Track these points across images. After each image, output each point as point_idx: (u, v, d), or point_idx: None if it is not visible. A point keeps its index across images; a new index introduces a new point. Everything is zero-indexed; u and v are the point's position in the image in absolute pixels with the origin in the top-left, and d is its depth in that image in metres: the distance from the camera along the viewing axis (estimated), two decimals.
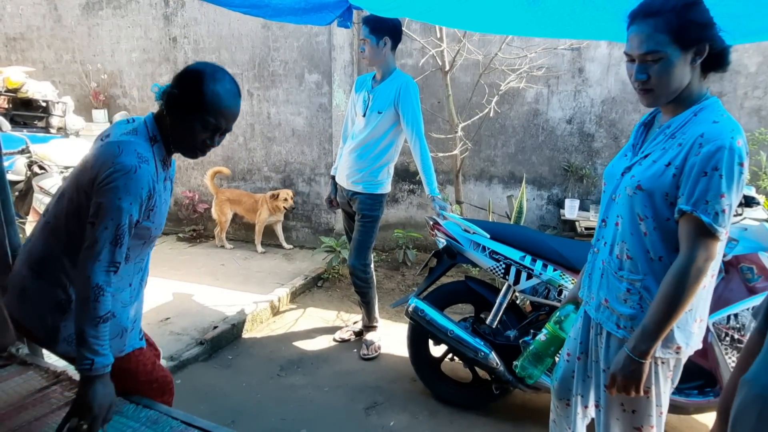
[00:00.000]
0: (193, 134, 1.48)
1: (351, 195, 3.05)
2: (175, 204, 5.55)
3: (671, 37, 1.27)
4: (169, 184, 1.62)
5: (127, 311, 1.58)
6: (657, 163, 1.35)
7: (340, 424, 2.57)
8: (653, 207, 1.35)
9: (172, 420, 1.61)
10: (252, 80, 4.93)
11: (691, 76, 1.32)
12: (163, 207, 1.56)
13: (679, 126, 1.34)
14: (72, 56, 5.51)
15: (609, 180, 1.52)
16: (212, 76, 1.46)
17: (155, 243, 1.65)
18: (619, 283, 1.44)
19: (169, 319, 3.50)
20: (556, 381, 1.82)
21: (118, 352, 1.55)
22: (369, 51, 2.82)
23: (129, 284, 1.58)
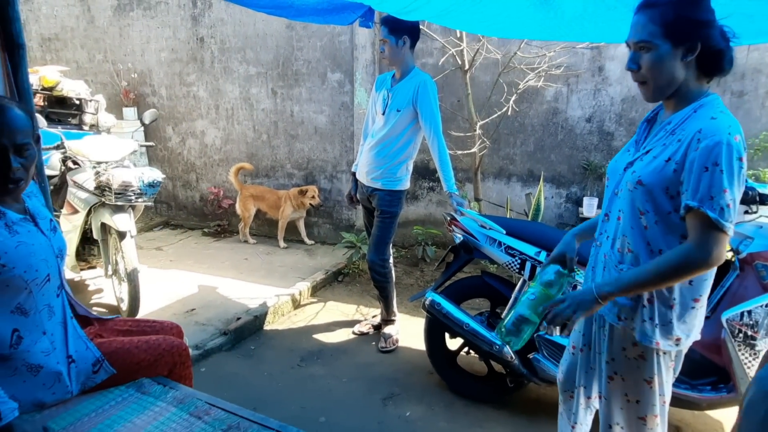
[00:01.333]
0: None
1: (370, 191, 3.13)
2: (201, 200, 5.72)
3: (663, 30, 1.31)
4: (23, 226, 1.53)
5: (53, 358, 1.58)
6: (657, 159, 1.38)
7: (358, 413, 2.65)
8: (654, 201, 1.38)
9: (197, 400, 1.70)
10: (276, 79, 5.04)
11: (685, 73, 1.35)
12: (19, 249, 1.48)
13: (680, 122, 1.37)
14: (104, 56, 5.71)
15: (612, 175, 1.56)
16: None
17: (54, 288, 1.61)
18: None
19: (195, 310, 3.63)
20: (561, 373, 1.86)
21: (66, 394, 1.59)
22: (388, 50, 2.89)
23: (43, 333, 1.57)
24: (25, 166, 1.46)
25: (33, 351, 1.55)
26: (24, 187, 1.51)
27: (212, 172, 5.61)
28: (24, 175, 1.46)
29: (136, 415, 1.60)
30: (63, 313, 1.65)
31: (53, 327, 1.61)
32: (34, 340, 1.56)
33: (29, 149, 1.46)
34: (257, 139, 5.30)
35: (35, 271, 1.52)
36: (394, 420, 2.60)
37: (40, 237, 1.57)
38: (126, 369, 1.73)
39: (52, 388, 1.58)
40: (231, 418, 1.61)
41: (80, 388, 1.65)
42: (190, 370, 1.93)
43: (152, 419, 1.58)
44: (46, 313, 1.59)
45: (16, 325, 1.53)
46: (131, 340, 1.78)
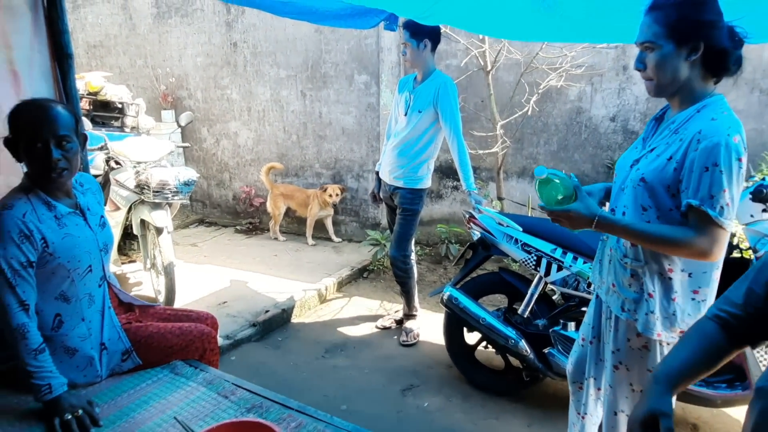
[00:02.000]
0: (32, 162, 1.59)
1: (393, 189, 3.23)
2: (233, 198, 5.93)
3: (666, 31, 1.36)
4: (71, 219, 1.69)
5: (88, 343, 1.74)
6: (660, 157, 1.43)
7: (378, 402, 2.76)
8: (656, 198, 1.44)
9: (224, 381, 1.85)
10: (305, 81, 5.20)
11: (689, 72, 1.39)
12: (66, 241, 1.63)
13: (683, 122, 1.42)
14: (144, 61, 6.00)
15: (619, 171, 1.61)
16: (15, 107, 1.59)
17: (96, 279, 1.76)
18: (624, 269, 1.54)
19: (226, 302, 3.81)
20: (570, 365, 1.92)
21: (96, 378, 1.76)
22: (410, 54, 2.99)
23: (82, 319, 1.73)
24: (66, 157, 1.60)
25: (71, 335, 1.72)
26: (67, 178, 1.65)
27: (244, 172, 5.82)
28: (66, 165, 1.61)
29: (169, 393, 1.75)
30: (102, 302, 1.81)
31: (92, 315, 1.78)
32: (73, 325, 1.73)
33: (70, 142, 1.61)
34: (287, 140, 5.48)
35: (78, 262, 1.69)
36: (412, 410, 2.70)
37: (86, 231, 1.73)
38: (160, 352, 1.89)
39: (84, 371, 1.75)
40: (255, 398, 1.75)
41: (108, 373, 1.81)
42: (217, 356, 2.08)
43: (184, 397, 1.73)
44: (86, 302, 1.76)
45: (59, 310, 1.70)
46: (166, 326, 1.93)
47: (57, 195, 1.68)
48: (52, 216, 1.64)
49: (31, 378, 1.54)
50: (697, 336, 1.13)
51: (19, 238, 1.55)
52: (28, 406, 1.64)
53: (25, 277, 1.56)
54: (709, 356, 1.11)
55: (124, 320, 1.93)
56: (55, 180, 1.62)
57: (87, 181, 1.88)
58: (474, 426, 2.57)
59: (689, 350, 1.13)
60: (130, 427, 1.57)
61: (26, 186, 1.64)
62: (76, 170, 1.68)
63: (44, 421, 1.56)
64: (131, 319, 1.98)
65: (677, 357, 1.13)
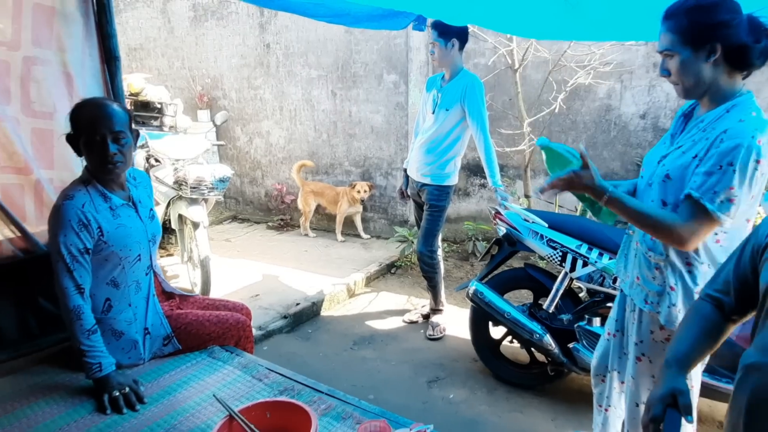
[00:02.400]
0: (90, 156, 1.72)
1: (420, 186, 3.30)
2: (266, 195, 6.10)
3: (681, 38, 1.40)
4: (125, 210, 1.82)
5: (133, 327, 1.87)
6: (685, 155, 1.46)
7: (404, 393, 2.84)
8: (679, 195, 1.46)
9: (258, 365, 1.96)
10: (335, 81, 5.31)
11: (712, 73, 1.41)
12: (119, 231, 1.77)
13: (712, 121, 1.44)
14: (181, 63, 6.22)
15: (647, 166, 1.63)
16: (76, 106, 1.73)
17: (143, 268, 1.89)
18: (649, 263, 1.57)
19: (259, 295, 3.95)
20: (595, 359, 1.96)
21: (139, 360, 1.89)
22: (438, 53, 3.05)
23: (129, 305, 1.86)
24: (121, 151, 1.74)
25: (119, 319, 1.86)
26: (122, 170, 1.79)
27: (276, 170, 5.98)
28: (121, 159, 1.74)
29: (207, 375, 1.87)
30: (148, 290, 1.94)
31: (138, 301, 1.91)
32: (120, 309, 1.87)
33: (125, 137, 1.74)
34: (318, 138, 5.60)
35: (129, 251, 1.82)
36: (437, 401, 2.77)
37: (137, 222, 1.86)
38: (198, 338, 2.01)
39: (129, 353, 1.88)
40: (287, 381, 1.85)
41: (151, 356, 1.94)
42: (252, 344, 2.20)
43: (221, 379, 1.85)
44: (134, 288, 1.89)
45: (109, 295, 1.84)
46: (204, 314, 2.06)
47: (112, 187, 1.82)
48: (107, 207, 1.78)
49: (84, 356, 1.68)
50: (696, 318, 1.22)
51: (78, 227, 1.69)
52: (80, 384, 1.78)
53: (81, 262, 1.71)
54: (710, 335, 1.19)
55: (166, 308, 2.06)
56: (111, 172, 1.76)
57: (140, 176, 2.01)
58: (498, 418, 2.62)
59: (691, 333, 1.21)
60: (171, 405, 1.69)
61: (86, 178, 1.78)
62: (130, 163, 1.81)
63: (94, 398, 1.69)
64: (172, 306, 2.12)
65: (682, 341, 1.21)
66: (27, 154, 2.03)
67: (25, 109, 2.04)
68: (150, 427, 1.58)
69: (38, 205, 2.11)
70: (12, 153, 2.00)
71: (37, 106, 2.08)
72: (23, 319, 2.10)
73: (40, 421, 1.59)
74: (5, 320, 2.03)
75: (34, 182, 2.07)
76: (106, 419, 1.61)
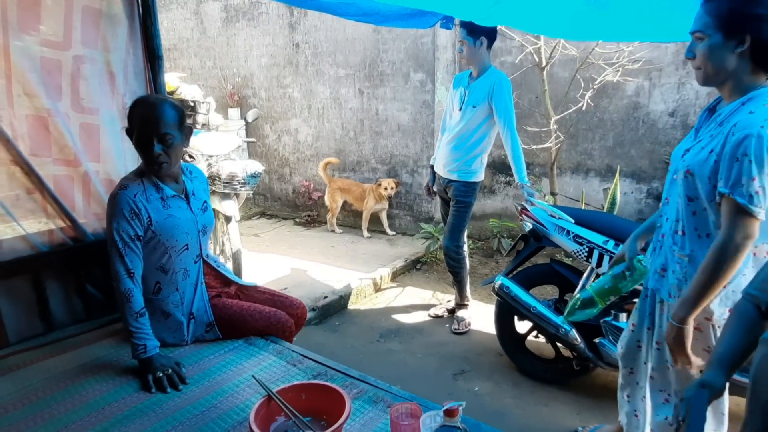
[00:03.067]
0: (140, 153, 1.83)
1: (447, 182, 3.35)
2: (293, 192, 6.22)
3: (716, 21, 1.41)
4: (176, 201, 1.92)
5: (179, 310, 1.97)
6: (704, 150, 1.48)
7: (430, 384, 2.89)
8: (701, 189, 1.49)
9: (292, 352, 2.04)
10: (363, 80, 5.39)
11: (736, 64, 1.43)
12: (168, 221, 1.86)
13: (728, 115, 1.46)
14: (213, 62, 6.39)
15: (674, 161, 1.65)
16: (133, 102, 1.83)
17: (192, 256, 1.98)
18: (672, 256, 1.60)
19: (287, 288, 4.05)
20: (621, 348, 1.98)
21: (182, 342, 2.00)
22: (466, 51, 3.09)
23: (176, 289, 1.97)
24: (166, 152, 1.83)
25: (167, 301, 1.98)
26: (168, 168, 1.88)
27: (304, 167, 6.09)
28: (165, 159, 1.84)
29: (244, 360, 1.96)
30: (196, 278, 2.04)
31: (185, 287, 2.01)
32: (168, 293, 1.98)
33: (171, 138, 1.82)
34: (345, 136, 5.69)
35: (175, 240, 1.93)
36: (463, 393, 2.81)
37: (188, 213, 1.96)
38: (238, 331, 2.09)
39: (174, 333, 2.00)
40: (320, 367, 1.93)
41: (192, 339, 2.05)
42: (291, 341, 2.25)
43: (257, 364, 1.93)
44: (182, 275, 1.99)
45: (158, 278, 1.95)
46: (249, 308, 2.12)
47: (165, 179, 1.92)
48: (159, 197, 1.89)
49: (131, 337, 1.79)
50: (736, 317, 1.23)
51: (130, 215, 1.80)
52: (125, 364, 1.89)
53: (133, 248, 1.82)
54: (749, 333, 1.19)
55: (216, 292, 2.15)
56: (156, 171, 1.87)
57: (195, 171, 2.12)
58: (523, 411, 2.65)
59: (731, 332, 1.23)
60: (212, 386, 1.78)
61: (142, 170, 1.90)
62: (177, 160, 1.91)
63: (139, 377, 1.80)
64: (226, 293, 2.20)
65: (723, 341, 1.24)
66: (76, 147, 2.16)
67: (75, 105, 2.17)
68: (193, 405, 1.67)
69: (86, 196, 2.23)
70: (63, 146, 2.12)
71: (85, 103, 2.20)
72: (72, 303, 2.23)
73: (91, 398, 1.69)
74: (56, 304, 2.16)
75: (82, 174, 2.20)
76: (151, 397, 1.71)
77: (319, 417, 1.53)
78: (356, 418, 1.59)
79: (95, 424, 1.56)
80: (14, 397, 1.70)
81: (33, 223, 2.09)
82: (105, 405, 1.66)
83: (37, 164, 2.05)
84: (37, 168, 2.04)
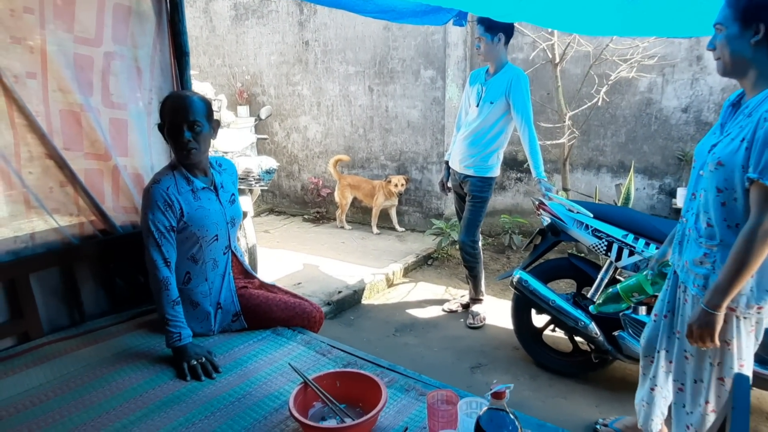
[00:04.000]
0: (171, 142, 1.89)
1: (463, 178, 3.38)
2: (302, 189, 6.25)
3: (734, 13, 1.46)
4: (205, 193, 1.97)
5: (207, 300, 2.02)
6: (734, 141, 1.50)
7: (448, 377, 2.90)
8: (732, 180, 1.51)
9: (321, 342, 2.07)
10: (373, 77, 5.42)
11: (753, 54, 1.47)
12: (198, 212, 1.92)
13: (756, 106, 1.48)
14: (222, 60, 6.41)
15: (698, 157, 1.68)
16: (165, 97, 1.92)
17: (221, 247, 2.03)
18: (699, 248, 1.63)
19: (301, 283, 4.08)
20: (644, 339, 2.02)
21: (209, 331, 2.04)
22: (484, 47, 3.12)
23: (205, 279, 2.01)
24: (195, 138, 1.87)
25: (196, 291, 2.01)
26: (197, 155, 1.91)
27: (313, 164, 6.12)
28: (195, 146, 1.88)
29: (274, 349, 1.99)
30: (225, 268, 2.08)
31: (214, 277, 2.05)
32: (198, 283, 2.02)
33: (199, 126, 1.87)
34: (354, 133, 5.72)
35: (206, 231, 1.96)
36: (481, 386, 2.84)
37: (216, 205, 2.00)
38: (264, 320, 2.13)
39: (202, 323, 2.04)
40: (349, 357, 1.96)
41: (219, 329, 2.08)
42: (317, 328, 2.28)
43: (287, 354, 1.96)
44: (211, 265, 2.03)
45: (189, 268, 1.99)
46: (274, 298, 2.17)
47: (195, 172, 1.97)
48: (189, 190, 1.93)
49: (167, 325, 1.83)
50: None
51: (164, 207, 1.85)
52: (159, 353, 1.92)
53: (168, 239, 1.86)
54: None
55: (242, 284, 2.20)
56: (187, 156, 1.89)
57: (225, 163, 2.16)
58: (542, 403, 2.68)
59: None
60: (245, 374, 1.81)
61: (173, 164, 1.95)
62: (206, 149, 1.94)
63: (173, 366, 1.83)
64: (248, 286, 2.25)
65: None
66: (106, 141, 2.19)
67: (105, 100, 2.20)
68: (228, 393, 1.70)
69: (114, 189, 2.27)
70: (94, 140, 2.16)
71: (114, 98, 2.23)
72: (102, 294, 2.27)
73: (128, 385, 1.73)
74: (87, 296, 2.20)
75: (111, 168, 2.23)
76: (186, 385, 1.74)
77: (354, 404, 1.56)
78: (390, 405, 1.62)
79: (135, 411, 1.60)
80: (53, 384, 1.73)
81: (64, 216, 2.12)
82: (142, 392, 1.69)
83: (70, 158, 2.08)
84: (70, 162, 2.08)
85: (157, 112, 2.33)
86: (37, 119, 1.95)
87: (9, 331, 1.98)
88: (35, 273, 2.03)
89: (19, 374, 1.79)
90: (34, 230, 2.03)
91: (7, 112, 1.91)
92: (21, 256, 2.00)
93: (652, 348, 1.99)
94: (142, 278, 2.33)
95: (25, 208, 2.00)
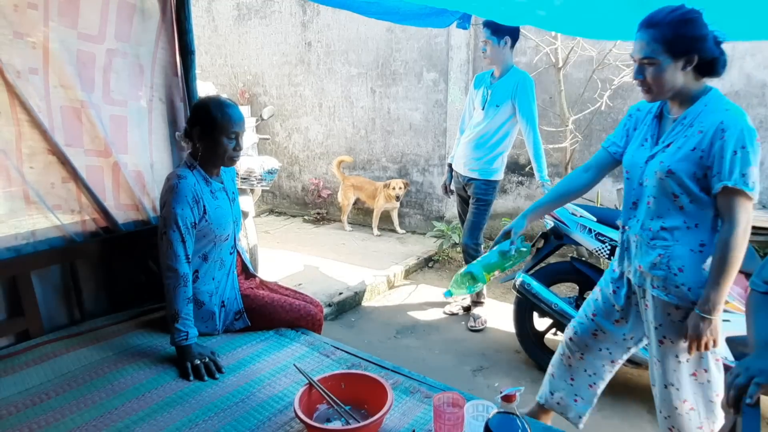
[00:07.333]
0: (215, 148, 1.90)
1: (467, 180, 3.37)
2: (302, 190, 6.23)
3: (664, 47, 1.51)
4: (220, 194, 2.00)
5: (213, 299, 2.01)
6: (682, 149, 1.58)
7: (449, 380, 2.85)
8: (685, 185, 1.59)
9: (324, 343, 2.06)
10: (375, 79, 5.41)
11: (684, 78, 1.56)
12: (217, 211, 1.94)
13: (695, 116, 1.58)
14: (224, 60, 6.40)
15: (632, 168, 1.74)
16: (211, 101, 1.91)
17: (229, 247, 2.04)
18: (653, 251, 1.68)
19: (301, 284, 4.06)
20: (574, 335, 2.04)
21: (213, 331, 2.03)
22: (490, 51, 3.11)
23: (212, 278, 2.01)
24: (238, 149, 1.94)
25: (202, 290, 2.00)
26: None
27: (314, 165, 6.11)
28: (238, 155, 1.95)
29: (277, 350, 1.98)
30: (230, 267, 2.09)
31: (220, 276, 2.05)
32: (205, 282, 2.01)
33: (242, 138, 1.96)
34: (356, 135, 5.71)
35: (223, 230, 1.98)
36: (483, 388, 2.83)
37: (228, 204, 2.02)
38: (268, 320, 2.13)
39: (207, 323, 2.02)
40: (353, 358, 1.95)
41: (223, 329, 2.08)
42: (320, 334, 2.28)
43: (290, 355, 1.95)
44: (218, 264, 2.03)
45: (198, 267, 1.99)
46: (279, 299, 2.16)
47: (212, 173, 1.99)
48: (208, 190, 1.95)
49: (176, 322, 1.80)
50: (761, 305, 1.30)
51: (192, 202, 1.86)
52: (162, 353, 1.91)
53: (191, 235, 1.87)
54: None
55: (245, 285, 2.19)
56: (229, 163, 1.96)
57: None
58: None
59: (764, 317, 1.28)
60: (248, 375, 1.80)
61: (190, 163, 1.95)
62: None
63: (177, 365, 1.81)
64: (252, 286, 2.25)
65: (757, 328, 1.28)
66: (107, 138, 2.17)
67: (106, 97, 2.18)
68: (231, 393, 1.69)
69: (115, 186, 2.25)
70: (95, 137, 2.14)
71: (115, 95, 2.22)
72: (103, 293, 2.25)
73: (130, 385, 1.71)
74: (89, 294, 2.18)
75: (112, 165, 2.21)
76: (189, 385, 1.73)
77: (359, 406, 1.55)
78: (395, 407, 1.61)
79: (137, 410, 1.58)
80: (54, 383, 1.72)
81: (66, 213, 2.10)
82: (145, 392, 1.67)
83: (71, 154, 2.06)
84: (72, 158, 2.06)
85: (158, 110, 2.34)
86: (38, 115, 1.94)
87: (9, 330, 1.97)
88: (38, 271, 2.02)
89: (20, 373, 1.77)
90: (35, 227, 2.02)
91: (9, 108, 1.89)
92: (22, 253, 1.99)
93: (583, 346, 2.02)
94: (144, 277, 2.32)
95: (24, 203, 1.98)
